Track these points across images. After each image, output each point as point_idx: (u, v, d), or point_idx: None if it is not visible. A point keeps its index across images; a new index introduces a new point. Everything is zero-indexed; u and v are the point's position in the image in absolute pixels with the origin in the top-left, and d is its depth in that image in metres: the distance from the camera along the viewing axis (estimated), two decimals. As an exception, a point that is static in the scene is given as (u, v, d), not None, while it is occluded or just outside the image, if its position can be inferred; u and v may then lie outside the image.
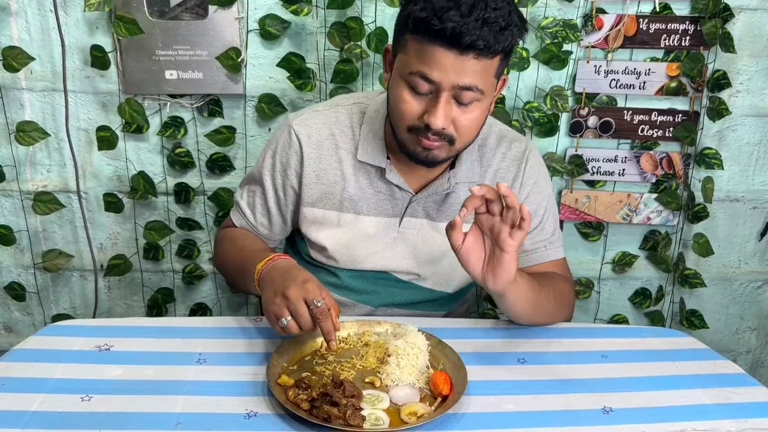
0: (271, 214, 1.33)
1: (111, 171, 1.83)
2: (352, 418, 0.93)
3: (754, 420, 1.00)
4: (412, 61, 1.06)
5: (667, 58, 1.76)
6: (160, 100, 1.75)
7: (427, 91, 1.07)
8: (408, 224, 1.28)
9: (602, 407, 1.02)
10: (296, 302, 1.03)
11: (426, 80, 1.06)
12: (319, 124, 1.27)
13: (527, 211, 1.01)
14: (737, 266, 2.02)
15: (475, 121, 1.12)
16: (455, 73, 1.04)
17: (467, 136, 1.14)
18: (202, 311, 1.98)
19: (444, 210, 1.28)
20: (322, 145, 1.26)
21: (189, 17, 1.66)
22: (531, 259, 1.31)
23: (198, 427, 0.94)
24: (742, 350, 2.13)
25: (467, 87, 1.06)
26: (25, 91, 1.74)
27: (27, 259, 1.91)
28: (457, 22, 0.99)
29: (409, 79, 1.07)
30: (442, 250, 1.28)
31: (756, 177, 1.91)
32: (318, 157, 1.26)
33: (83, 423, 0.94)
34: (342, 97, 1.33)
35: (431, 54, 1.03)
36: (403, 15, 1.07)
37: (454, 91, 1.06)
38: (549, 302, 1.21)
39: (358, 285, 1.32)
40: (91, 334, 1.16)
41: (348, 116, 1.27)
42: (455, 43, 1.01)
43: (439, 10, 1.00)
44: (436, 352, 1.12)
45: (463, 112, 1.09)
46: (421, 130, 1.10)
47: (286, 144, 1.27)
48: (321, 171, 1.26)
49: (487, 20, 1.00)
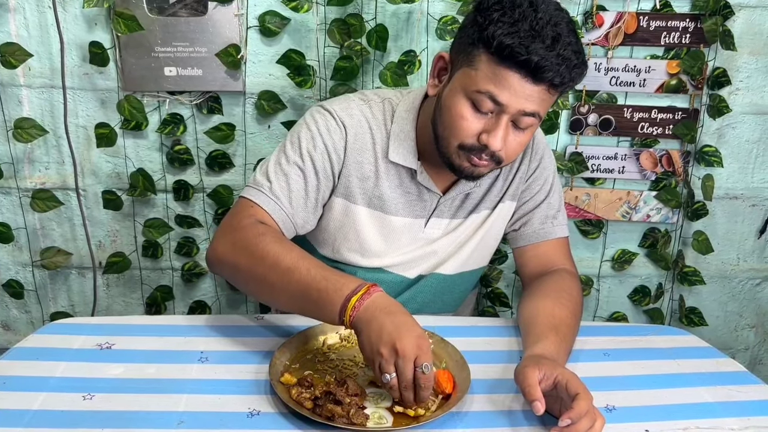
0: (308, 199, 1.21)
1: (110, 168, 1.82)
2: (355, 417, 0.93)
3: (757, 418, 1.00)
4: (482, 80, 1.05)
5: (668, 55, 1.76)
6: (159, 97, 1.75)
7: (489, 110, 1.07)
8: (433, 224, 1.29)
9: (605, 405, 1.02)
10: (407, 362, 0.93)
11: (493, 101, 1.05)
12: (359, 115, 1.23)
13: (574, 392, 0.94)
14: (736, 264, 2.02)
15: (522, 146, 1.13)
16: (525, 99, 1.04)
17: (513, 157, 1.15)
18: (201, 309, 1.97)
19: (465, 206, 1.30)
20: (362, 138, 1.23)
21: (188, 14, 1.65)
22: (539, 235, 1.33)
23: (201, 425, 0.94)
24: (741, 347, 2.14)
25: (530, 113, 1.06)
26: (23, 87, 1.73)
27: (25, 256, 1.90)
28: (541, 56, 0.99)
29: (474, 96, 1.06)
30: (453, 237, 1.31)
31: (755, 175, 1.91)
32: (358, 149, 1.23)
33: (85, 421, 0.93)
34: (372, 92, 1.29)
35: (506, 78, 1.03)
36: (479, 32, 1.04)
37: (516, 116, 1.06)
38: (576, 335, 1.19)
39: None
40: (92, 333, 1.15)
41: (381, 112, 1.25)
42: (535, 75, 1.01)
43: (525, 40, 0.99)
44: (438, 350, 1.12)
45: (516, 135, 1.10)
46: (475, 149, 1.10)
47: (332, 127, 1.21)
48: (359, 164, 1.23)
49: (565, 56, 1.01)
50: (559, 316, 1.16)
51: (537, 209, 1.33)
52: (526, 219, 1.34)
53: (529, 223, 1.33)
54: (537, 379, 0.96)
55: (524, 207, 1.33)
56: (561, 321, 1.15)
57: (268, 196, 1.18)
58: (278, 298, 1.10)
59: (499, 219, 1.33)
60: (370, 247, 1.28)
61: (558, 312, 1.16)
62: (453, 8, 1.66)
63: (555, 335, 1.10)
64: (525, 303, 1.24)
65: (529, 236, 1.34)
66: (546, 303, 1.19)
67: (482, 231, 1.32)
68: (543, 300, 1.20)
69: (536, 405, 0.93)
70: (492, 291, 1.96)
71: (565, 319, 1.16)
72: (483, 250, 1.36)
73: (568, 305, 1.19)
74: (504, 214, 1.33)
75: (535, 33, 0.99)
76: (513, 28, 1.00)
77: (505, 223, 1.35)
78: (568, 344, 1.12)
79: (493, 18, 1.02)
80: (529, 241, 1.34)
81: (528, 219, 1.33)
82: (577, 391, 0.93)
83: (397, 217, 1.26)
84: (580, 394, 0.93)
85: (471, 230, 1.32)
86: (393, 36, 1.69)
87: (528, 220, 1.33)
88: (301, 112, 1.75)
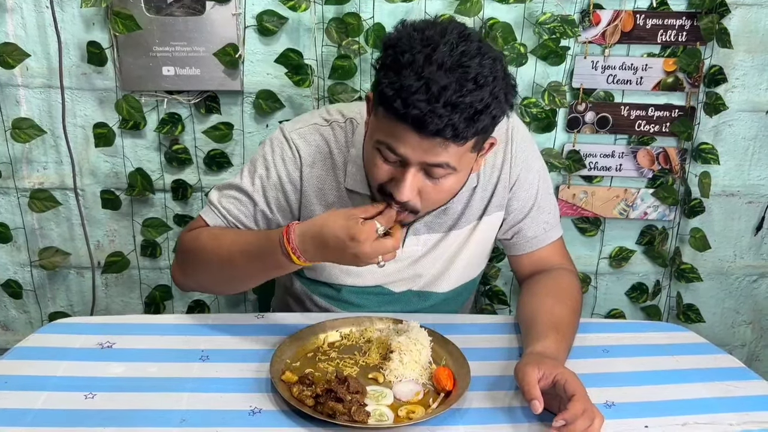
0: (258, 226, 1.23)
1: (108, 168, 1.82)
2: (357, 414, 0.94)
3: (755, 413, 1.01)
4: (380, 130, 1.00)
5: (664, 53, 1.76)
6: (157, 96, 1.74)
7: (395, 161, 1.01)
8: (411, 242, 1.25)
9: (605, 401, 1.03)
10: (365, 243, 0.99)
11: (393, 152, 1.00)
12: (319, 141, 1.20)
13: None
14: (733, 260, 2.03)
15: (447, 192, 1.08)
16: (423, 151, 0.97)
17: (433, 206, 1.12)
18: (200, 308, 1.97)
19: (442, 222, 1.25)
20: (322, 164, 1.20)
21: (186, 13, 1.65)
22: (533, 244, 1.31)
23: (203, 423, 0.94)
24: (738, 344, 2.15)
25: (437, 164, 0.99)
26: (21, 87, 1.73)
27: (24, 256, 1.90)
28: (421, 109, 0.91)
29: (377, 146, 1.02)
30: (437, 255, 1.28)
31: (752, 172, 1.92)
32: (317, 176, 1.21)
33: (87, 420, 0.94)
34: (338, 111, 1.24)
35: (397, 131, 0.96)
36: (374, 79, 1.00)
37: (423, 166, 1.00)
38: (576, 332, 1.19)
39: (359, 300, 1.32)
40: (92, 332, 1.16)
41: (343, 134, 1.21)
42: (420, 128, 0.94)
43: (405, 91, 0.91)
44: (438, 348, 1.12)
45: (433, 184, 1.04)
46: (388, 195, 1.05)
47: (286, 157, 1.20)
48: (320, 191, 1.21)
49: (458, 105, 0.91)
50: (559, 314, 1.16)
51: (527, 218, 1.29)
52: (518, 228, 1.30)
53: (521, 233, 1.30)
54: (536, 378, 0.97)
55: (513, 216, 1.29)
56: (561, 319, 1.15)
57: (216, 215, 1.23)
58: (240, 284, 1.24)
59: (489, 230, 1.30)
60: (351, 270, 1.25)
61: (558, 310, 1.17)
62: (450, 7, 1.66)
63: (555, 333, 1.11)
64: (525, 301, 1.24)
65: (523, 245, 1.31)
66: (546, 301, 1.19)
67: (471, 245, 1.29)
68: (543, 298, 1.21)
69: (534, 404, 0.94)
70: (490, 289, 1.97)
71: (565, 318, 1.16)
72: (476, 260, 1.34)
73: (568, 303, 1.19)
74: (492, 225, 1.29)
75: (419, 82, 0.91)
76: (396, 76, 0.93)
77: (494, 233, 1.32)
78: (568, 342, 1.13)
79: (384, 63, 0.97)
80: (523, 250, 1.32)
81: (519, 228, 1.30)
82: (574, 392, 0.94)
83: None
84: (576, 395, 0.93)
85: (456, 246, 1.29)
86: (391, 35, 1.69)
87: (520, 230, 1.30)
88: (299, 111, 1.75)
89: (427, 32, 0.95)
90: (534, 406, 0.94)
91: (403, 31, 0.97)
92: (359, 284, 1.29)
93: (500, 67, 0.97)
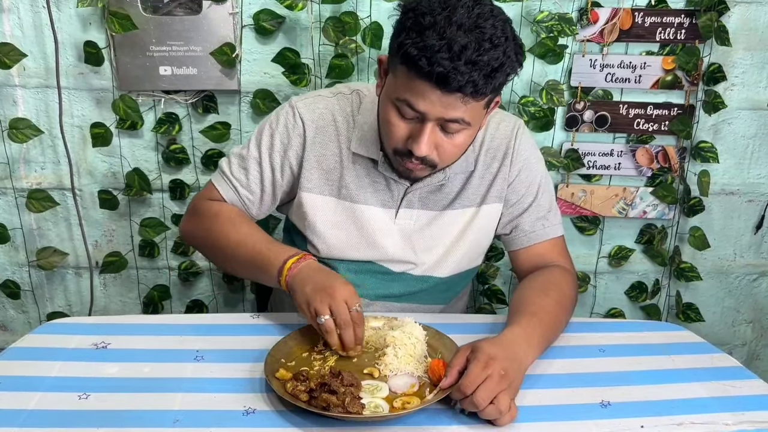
0: (264, 192, 1.30)
1: (105, 168, 1.82)
2: (351, 406, 0.93)
3: (751, 413, 1.00)
4: (400, 88, 1.05)
5: (663, 51, 1.76)
6: (154, 96, 1.74)
7: (413, 117, 1.07)
8: (404, 215, 1.28)
9: (600, 401, 1.02)
10: (339, 303, 1.06)
11: (412, 108, 1.05)
12: (323, 109, 1.26)
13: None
14: (733, 259, 2.02)
15: (460, 147, 1.13)
16: (442, 107, 1.03)
17: (450, 160, 1.16)
18: (198, 308, 1.97)
19: (440, 198, 1.28)
20: (324, 130, 1.26)
21: (183, 13, 1.65)
22: (530, 238, 1.32)
23: (196, 424, 0.94)
24: (738, 343, 2.14)
25: (454, 120, 1.05)
26: (18, 87, 1.73)
27: (21, 256, 1.90)
28: (445, 66, 0.97)
29: (396, 103, 1.07)
30: (436, 237, 1.30)
31: (751, 170, 1.91)
32: (320, 142, 1.26)
33: (81, 421, 0.93)
34: (344, 86, 1.32)
35: (419, 87, 1.02)
36: (395, 40, 1.05)
37: (440, 122, 1.06)
38: (560, 324, 1.19)
39: (355, 279, 1.31)
40: (87, 332, 1.15)
41: (349, 104, 1.27)
42: (443, 85, 1.00)
43: (429, 50, 0.98)
44: (433, 342, 1.12)
45: (448, 139, 1.09)
46: (405, 153, 1.11)
47: (290, 124, 1.26)
48: (321, 156, 1.26)
49: (477, 63, 0.98)
50: (540, 303, 1.16)
51: (525, 213, 1.31)
52: (516, 223, 1.32)
53: (519, 227, 1.32)
54: (461, 362, 1.00)
55: (512, 211, 1.32)
56: (541, 308, 1.15)
57: (228, 185, 1.30)
58: (234, 267, 1.30)
59: (489, 220, 1.32)
60: (348, 237, 1.28)
61: (540, 300, 1.17)
62: (448, 5, 1.65)
63: (529, 319, 1.11)
64: (514, 295, 1.24)
65: (521, 240, 1.32)
66: (530, 293, 1.20)
67: (471, 232, 1.31)
68: (529, 290, 1.22)
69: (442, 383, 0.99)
70: (489, 288, 1.96)
71: (546, 307, 1.16)
72: (476, 249, 1.35)
73: (552, 295, 1.20)
74: (492, 216, 1.31)
75: (442, 42, 0.97)
76: (419, 37, 0.99)
77: (494, 224, 1.33)
78: (544, 329, 1.12)
79: (405, 26, 1.02)
80: (521, 245, 1.33)
81: (518, 223, 1.32)
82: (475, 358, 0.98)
83: (366, 206, 1.27)
84: (474, 361, 0.98)
85: (457, 231, 1.31)
86: (388, 33, 1.68)
87: (518, 224, 1.32)
88: (296, 110, 1.75)
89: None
90: (442, 383, 0.99)
91: None
92: (356, 258, 1.30)
93: (510, 28, 1.04)
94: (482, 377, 0.95)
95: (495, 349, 1.00)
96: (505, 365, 0.98)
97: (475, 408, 0.94)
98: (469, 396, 0.94)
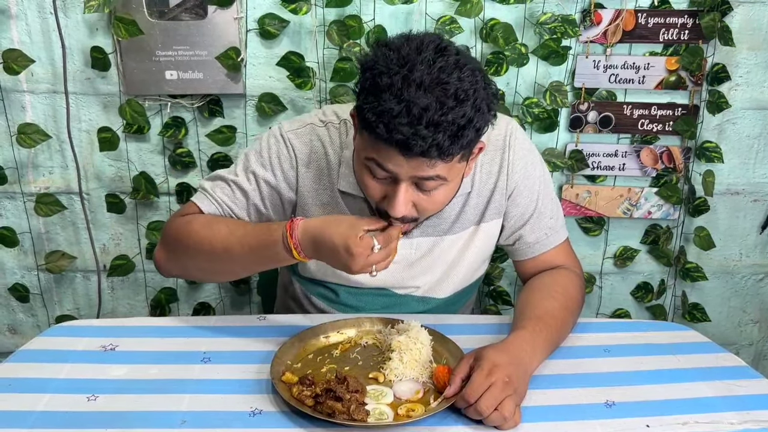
0: (249, 217, 1.23)
1: (113, 172, 1.84)
2: (356, 413, 0.94)
3: (756, 412, 1.01)
4: (367, 147, 1.00)
5: (666, 52, 1.76)
6: (160, 100, 1.76)
7: (385, 177, 1.01)
8: (405, 245, 1.24)
9: (605, 401, 1.02)
10: (359, 258, 1.00)
11: (382, 169, 0.99)
12: (315, 141, 1.20)
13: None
14: (738, 259, 2.02)
15: (440, 201, 1.07)
16: (412, 169, 0.97)
17: (433, 212, 1.11)
18: (205, 311, 1.98)
19: (439, 223, 1.24)
20: (316, 164, 1.20)
21: (188, 17, 1.67)
22: (535, 249, 1.29)
23: (203, 425, 0.95)
24: (745, 343, 2.14)
25: (428, 178, 0.99)
26: (26, 93, 1.75)
27: (30, 260, 1.92)
28: (404, 132, 0.91)
29: (366, 163, 1.02)
30: (435, 259, 1.27)
31: (756, 170, 1.91)
32: (313, 177, 1.21)
33: (89, 422, 0.94)
34: (330, 111, 1.24)
35: (383, 151, 0.96)
36: (358, 100, 0.98)
37: (414, 180, 1.00)
38: (566, 327, 1.18)
39: (356, 302, 1.31)
40: (95, 335, 1.16)
41: (338, 135, 1.21)
42: (405, 151, 0.94)
43: (386, 115, 0.91)
44: (438, 347, 1.12)
45: (426, 196, 1.04)
46: (383, 213, 1.06)
47: (282, 155, 1.20)
48: (314, 191, 1.21)
49: (441, 124, 0.91)
50: (545, 307, 1.15)
51: (527, 224, 1.26)
52: (519, 234, 1.28)
53: (522, 239, 1.28)
54: (465, 370, 1.00)
55: (513, 224, 1.27)
56: (546, 312, 1.14)
57: (211, 203, 1.20)
58: (229, 274, 1.24)
59: (488, 238, 1.28)
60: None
61: (546, 304, 1.16)
62: (451, 8, 1.66)
63: (534, 323, 1.10)
64: (519, 298, 1.24)
65: (525, 251, 1.29)
66: (535, 296, 1.19)
67: (471, 252, 1.28)
68: (533, 293, 1.21)
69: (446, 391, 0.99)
70: (494, 289, 1.96)
71: (552, 311, 1.15)
72: (475, 265, 1.33)
73: (558, 298, 1.18)
74: (491, 233, 1.28)
75: (400, 105, 0.90)
76: (376, 101, 0.92)
77: (493, 240, 1.30)
78: (550, 333, 1.11)
79: (364, 86, 0.96)
80: (525, 256, 1.30)
81: (520, 234, 1.27)
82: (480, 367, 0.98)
83: None
84: (478, 370, 0.97)
85: (455, 252, 1.28)
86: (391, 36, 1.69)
87: (521, 236, 1.28)
88: (301, 113, 1.75)
89: (403, 51, 0.94)
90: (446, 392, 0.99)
91: (378, 51, 0.97)
92: (353, 285, 1.29)
93: (480, 77, 0.96)
94: (485, 385, 0.95)
95: (498, 355, 1.00)
96: (509, 371, 0.97)
97: (479, 416, 0.94)
98: (473, 404, 0.94)
